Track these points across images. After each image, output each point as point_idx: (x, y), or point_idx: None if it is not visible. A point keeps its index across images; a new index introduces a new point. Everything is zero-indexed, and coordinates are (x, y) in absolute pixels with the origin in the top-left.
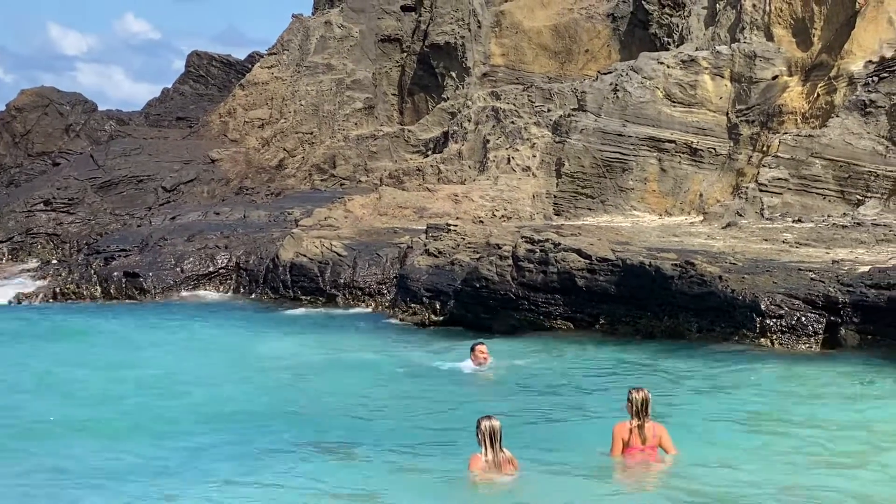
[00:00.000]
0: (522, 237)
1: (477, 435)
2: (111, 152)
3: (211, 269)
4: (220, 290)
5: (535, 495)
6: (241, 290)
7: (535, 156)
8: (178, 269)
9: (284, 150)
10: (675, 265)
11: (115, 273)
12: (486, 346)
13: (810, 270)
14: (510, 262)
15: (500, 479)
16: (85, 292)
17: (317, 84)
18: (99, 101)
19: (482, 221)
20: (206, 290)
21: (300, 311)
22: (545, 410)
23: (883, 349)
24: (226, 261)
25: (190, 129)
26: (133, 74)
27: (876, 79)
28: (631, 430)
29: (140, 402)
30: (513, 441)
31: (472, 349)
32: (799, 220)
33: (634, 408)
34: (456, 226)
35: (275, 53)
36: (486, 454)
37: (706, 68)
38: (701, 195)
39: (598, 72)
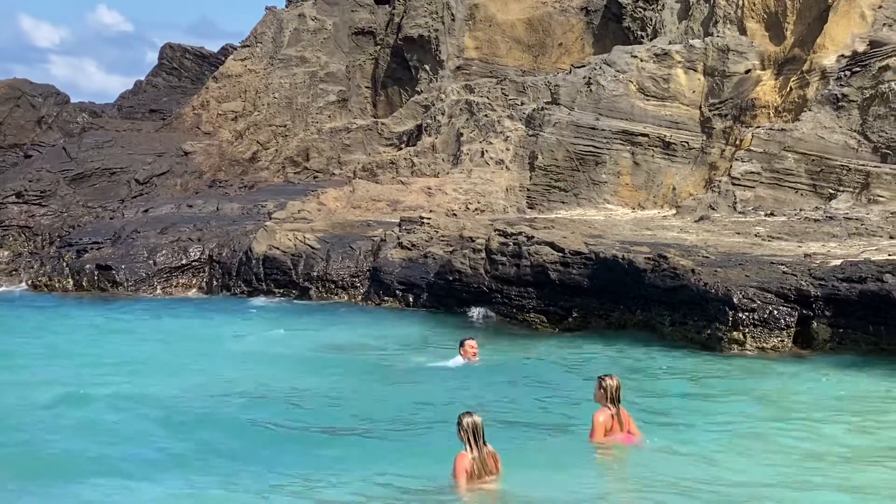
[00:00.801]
0: (496, 230)
1: (459, 432)
2: (84, 144)
3: (184, 261)
4: (193, 283)
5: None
6: (214, 283)
7: (508, 149)
8: (151, 261)
9: (258, 142)
10: (648, 258)
11: (88, 265)
12: (476, 342)
13: (782, 264)
14: (483, 255)
15: (486, 485)
16: (57, 285)
17: (290, 77)
18: (72, 94)
19: (455, 214)
20: (179, 280)
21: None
22: (533, 404)
23: (854, 345)
24: (199, 253)
25: (163, 122)
26: (106, 66)
27: (848, 73)
28: (613, 417)
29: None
30: (503, 435)
31: (462, 344)
32: (771, 214)
33: (609, 395)
34: (429, 219)
35: (248, 46)
36: (471, 451)
37: (679, 62)
38: (674, 189)
39: (572, 65)
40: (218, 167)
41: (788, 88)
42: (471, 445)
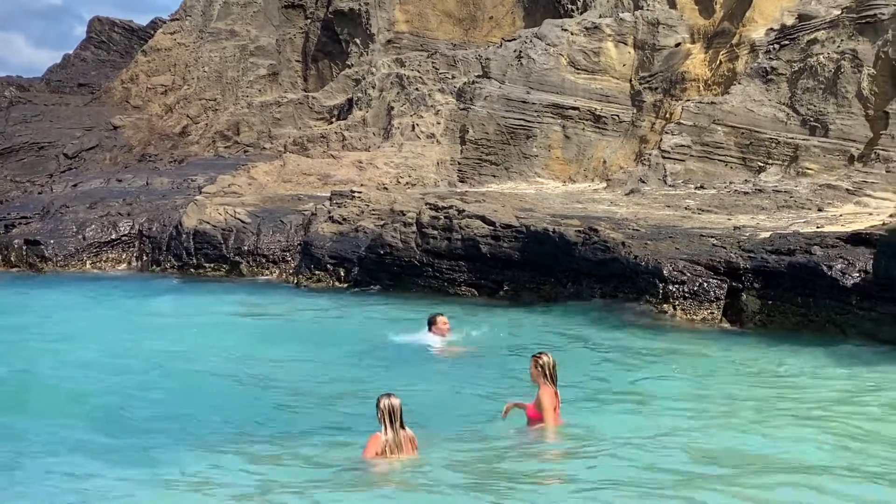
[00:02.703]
0: (427, 204)
1: (377, 413)
2: (11, 118)
3: (113, 236)
4: (123, 258)
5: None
6: (144, 258)
7: (439, 122)
8: (80, 236)
9: (188, 116)
10: (579, 231)
11: (16, 241)
12: (447, 317)
13: (712, 236)
14: (414, 228)
15: (400, 461)
16: None
17: (220, 50)
18: None
19: (386, 188)
20: (109, 255)
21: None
22: (479, 385)
23: (783, 317)
24: (128, 228)
25: (92, 96)
26: (34, 40)
27: (777, 46)
28: (556, 394)
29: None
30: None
31: (434, 321)
32: (701, 187)
33: (547, 372)
34: (360, 192)
35: (177, 19)
36: (385, 433)
37: (609, 35)
38: (604, 162)
39: (503, 38)
40: (147, 141)
41: (718, 62)
42: (386, 427)
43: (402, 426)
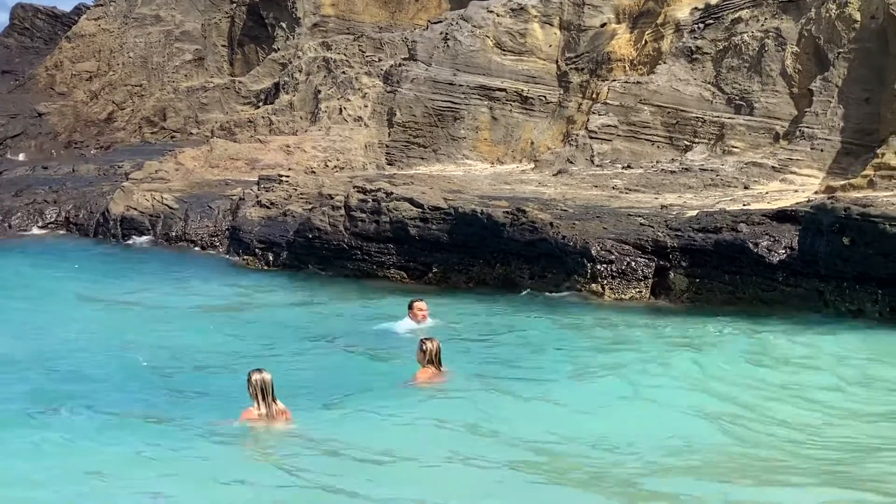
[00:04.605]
0: (355, 187)
1: (248, 388)
2: None
3: (39, 224)
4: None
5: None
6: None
7: (366, 106)
8: (6, 224)
9: (113, 102)
10: (507, 212)
11: None
12: (426, 303)
13: (640, 216)
14: (343, 212)
15: (275, 428)
16: None
17: (145, 36)
18: None
19: (314, 172)
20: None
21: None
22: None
23: (711, 295)
24: (55, 216)
25: (16, 83)
26: None
27: (702, 25)
28: (434, 377)
29: None
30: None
31: (410, 307)
32: (628, 167)
33: (428, 357)
34: (288, 177)
35: (101, 5)
36: (258, 408)
37: (536, 16)
38: (532, 143)
39: (429, 21)
40: (73, 128)
41: (643, 42)
42: (259, 402)
43: (274, 400)
